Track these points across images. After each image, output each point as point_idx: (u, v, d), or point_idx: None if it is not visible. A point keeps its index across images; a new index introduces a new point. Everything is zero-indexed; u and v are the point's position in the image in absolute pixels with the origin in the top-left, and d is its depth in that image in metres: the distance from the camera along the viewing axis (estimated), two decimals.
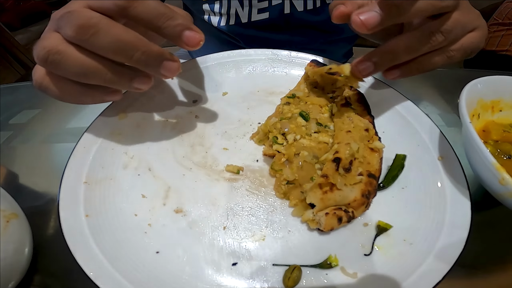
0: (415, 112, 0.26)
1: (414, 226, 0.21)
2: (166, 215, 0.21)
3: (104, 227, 0.20)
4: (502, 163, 0.24)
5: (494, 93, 0.26)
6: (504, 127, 0.26)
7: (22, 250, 0.20)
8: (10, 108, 0.38)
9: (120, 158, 0.23)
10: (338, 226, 0.20)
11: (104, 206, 0.21)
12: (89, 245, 0.19)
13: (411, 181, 0.23)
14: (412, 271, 0.18)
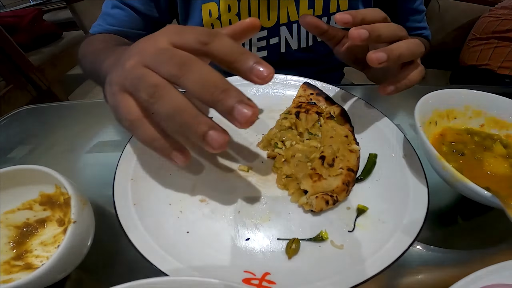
0: (385, 123, 0.33)
1: (386, 209, 0.27)
2: (193, 204, 0.27)
3: (147, 213, 0.26)
4: (457, 159, 0.31)
5: (447, 104, 0.33)
6: (457, 131, 0.33)
7: (88, 237, 0.25)
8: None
9: (156, 161, 0.29)
10: (326, 208, 0.26)
11: (146, 197, 0.27)
12: (138, 227, 0.25)
13: (383, 174, 0.29)
14: (385, 243, 0.24)
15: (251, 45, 0.58)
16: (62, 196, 0.27)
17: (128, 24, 0.57)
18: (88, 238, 0.24)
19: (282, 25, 0.55)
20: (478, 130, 0.33)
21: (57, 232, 0.28)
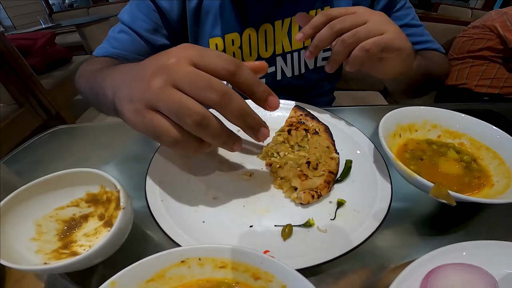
0: (360, 136, 0.41)
1: (360, 202, 0.34)
2: (207, 200, 0.34)
3: (172, 207, 0.33)
4: (417, 163, 0.38)
5: (408, 119, 0.41)
6: (418, 142, 0.41)
7: (129, 224, 0.32)
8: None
9: (177, 168, 0.37)
10: (312, 201, 0.33)
11: (171, 195, 0.34)
12: (165, 217, 0.31)
13: (357, 176, 0.37)
14: (359, 227, 0.31)
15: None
16: (105, 194, 0.34)
17: (132, 49, 0.60)
18: (129, 225, 0.31)
19: (278, 56, 0.64)
20: (436, 140, 0.41)
21: (98, 225, 0.34)
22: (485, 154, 0.38)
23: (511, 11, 1.18)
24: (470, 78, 1.21)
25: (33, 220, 0.33)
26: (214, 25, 0.60)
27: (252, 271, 0.23)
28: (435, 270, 0.26)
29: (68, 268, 0.27)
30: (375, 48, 0.38)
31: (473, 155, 0.39)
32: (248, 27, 0.61)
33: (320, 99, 0.75)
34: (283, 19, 0.60)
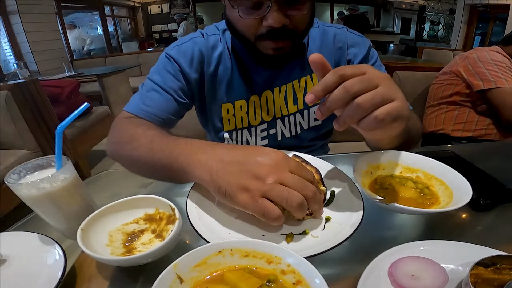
0: (342, 175, 0.54)
1: (341, 217, 0.46)
2: (231, 219, 0.47)
3: (206, 223, 0.46)
4: (384, 191, 0.51)
5: (377, 160, 0.55)
6: (384, 176, 0.54)
7: (178, 236, 0.44)
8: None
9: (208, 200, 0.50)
10: (307, 218, 0.46)
11: (205, 217, 0.47)
12: (203, 231, 0.44)
13: (339, 201, 0.50)
14: (340, 232, 0.43)
15: (256, 135, 0.79)
16: (159, 214, 0.48)
17: (163, 107, 0.68)
18: (180, 233, 0.44)
19: (278, 119, 0.78)
20: (398, 174, 0.55)
21: (151, 237, 0.47)
22: (434, 182, 0.52)
23: (472, 55, 1.27)
24: (446, 123, 1.31)
25: (107, 231, 0.46)
26: (226, 93, 0.74)
27: (266, 257, 0.36)
28: (398, 261, 0.39)
29: (134, 262, 0.40)
30: (389, 118, 0.39)
31: (426, 184, 0.52)
32: (253, 95, 0.75)
33: (315, 154, 0.90)
34: (280, 86, 0.75)
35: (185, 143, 0.50)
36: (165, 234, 0.46)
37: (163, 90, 0.69)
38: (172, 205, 0.45)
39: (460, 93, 1.28)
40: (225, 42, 0.74)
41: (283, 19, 0.59)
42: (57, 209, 0.43)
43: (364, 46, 0.77)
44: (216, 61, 0.73)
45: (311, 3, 0.63)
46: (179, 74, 0.71)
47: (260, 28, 0.62)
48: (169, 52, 0.73)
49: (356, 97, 0.38)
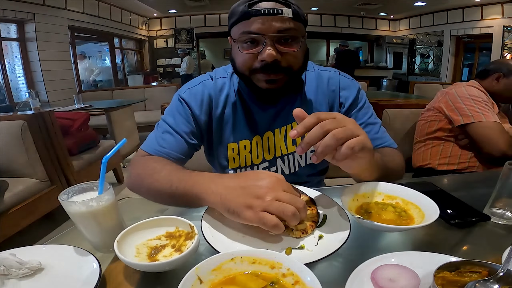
0: (332, 202, 0.64)
1: (331, 235, 0.56)
2: (239, 237, 0.56)
3: (219, 239, 0.55)
4: (368, 215, 0.61)
5: (362, 190, 0.65)
6: (369, 203, 0.63)
7: (196, 249, 0.53)
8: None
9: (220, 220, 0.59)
10: (303, 236, 0.55)
11: (217, 234, 0.56)
12: (217, 244, 0.53)
13: (331, 223, 0.59)
14: (330, 247, 0.52)
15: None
16: (178, 232, 0.56)
17: (175, 148, 0.77)
18: (197, 247, 0.52)
19: (278, 158, 0.85)
20: (381, 201, 0.64)
21: (171, 251, 0.55)
22: (410, 207, 0.61)
23: (451, 91, 1.35)
24: (432, 158, 1.39)
25: (135, 245, 0.54)
26: (231, 133, 0.83)
27: (270, 263, 0.45)
28: (378, 267, 0.47)
29: (160, 268, 0.48)
30: (358, 147, 0.50)
31: (403, 208, 0.62)
32: (256, 135, 0.84)
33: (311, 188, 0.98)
34: (280, 128, 0.84)
35: (197, 175, 0.62)
36: (183, 248, 0.54)
37: (175, 133, 0.78)
38: (191, 224, 0.54)
39: (443, 128, 1.36)
40: (232, 85, 0.83)
41: (275, 55, 0.69)
42: (96, 224, 0.52)
43: (354, 89, 0.86)
44: (223, 104, 0.82)
45: (302, 44, 0.73)
46: (190, 118, 0.80)
47: (255, 63, 0.72)
48: (182, 95, 0.82)
49: (328, 133, 0.49)
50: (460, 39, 7.46)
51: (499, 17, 6.33)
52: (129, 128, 3.36)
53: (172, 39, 8.75)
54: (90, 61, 6.65)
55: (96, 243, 0.55)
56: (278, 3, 0.70)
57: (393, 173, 0.75)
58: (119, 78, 7.36)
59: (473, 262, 0.44)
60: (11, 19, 4.22)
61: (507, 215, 0.63)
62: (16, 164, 1.93)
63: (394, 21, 9.34)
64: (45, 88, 4.48)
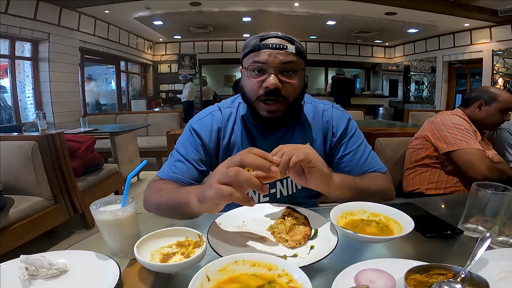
0: (323, 219, 0.73)
1: (321, 246, 0.64)
2: (242, 247, 0.64)
3: (222, 248, 0.63)
4: (354, 229, 0.69)
5: (349, 208, 0.73)
6: (355, 220, 0.72)
7: (204, 254, 0.61)
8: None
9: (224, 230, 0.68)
10: (296, 246, 0.63)
11: (221, 242, 0.64)
12: (218, 249, 0.61)
13: (321, 236, 0.67)
14: (320, 255, 0.59)
15: (259, 194, 0.94)
16: (188, 241, 0.64)
17: (186, 175, 0.87)
18: (205, 252, 0.60)
19: (277, 181, 0.93)
20: (366, 218, 0.73)
21: (181, 257, 0.63)
22: (392, 223, 0.70)
23: (436, 120, 1.43)
24: (421, 183, 1.47)
25: (149, 251, 0.62)
26: None
27: (268, 266, 0.53)
28: (360, 271, 0.54)
29: (173, 269, 0.56)
30: (302, 156, 0.64)
31: (385, 224, 0.70)
32: None
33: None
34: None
35: (190, 187, 0.74)
36: (191, 255, 0.61)
37: (186, 161, 0.89)
38: (199, 233, 0.63)
39: (430, 156, 1.44)
40: (238, 115, 0.94)
41: (277, 83, 0.80)
42: (119, 231, 0.61)
43: (345, 119, 0.96)
44: (230, 132, 0.93)
45: (301, 77, 0.85)
46: (199, 147, 0.91)
47: (260, 90, 0.83)
48: (193, 126, 0.93)
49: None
50: (452, 64, 7.49)
51: (488, 41, 6.31)
52: (132, 152, 3.43)
53: (175, 65, 8.99)
54: (96, 83, 6.84)
55: (115, 248, 0.63)
56: (284, 40, 0.83)
57: (376, 194, 0.83)
58: (123, 102, 7.53)
59: (439, 266, 0.52)
60: (27, 38, 4.39)
61: (479, 229, 0.72)
62: (23, 183, 2.01)
63: (389, 48, 9.58)
64: (52, 110, 4.58)
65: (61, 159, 2.09)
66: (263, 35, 0.84)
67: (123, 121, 4.57)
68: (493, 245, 0.67)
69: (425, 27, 6.82)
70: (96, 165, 2.48)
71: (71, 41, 5.09)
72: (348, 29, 7.48)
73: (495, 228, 0.70)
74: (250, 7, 5.78)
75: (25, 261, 0.54)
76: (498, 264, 0.56)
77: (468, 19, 5.83)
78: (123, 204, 0.62)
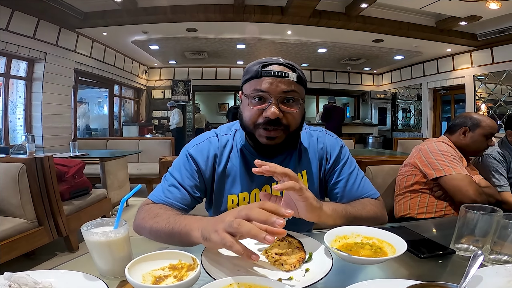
0: (317, 243, 0.72)
1: (316, 269, 0.63)
2: (235, 271, 0.63)
3: (215, 272, 0.62)
4: (348, 252, 0.69)
5: (343, 232, 0.73)
6: (348, 243, 0.72)
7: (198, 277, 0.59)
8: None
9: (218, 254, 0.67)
10: (291, 269, 0.63)
11: (215, 266, 0.63)
12: (212, 272, 0.60)
13: (315, 259, 0.67)
14: (314, 277, 0.59)
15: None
16: (181, 264, 0.63)
17: (180, 200, 0.86)
18: (199, 275, 0.59)
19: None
20: (359, 241, 0.73)
21: (174, 280, 0.61)
22: (385, 245, 0.70)
23: (424, 147, 1.47)
24: (412, 208, 1.49)
25: (141, 274, 0.60)
26: (232, 186, 0.92)
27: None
28: None
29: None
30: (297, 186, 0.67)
31: (379, 246, 0.70)
32: (255, 188, 0.91)
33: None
34: (277, 182, 0.89)
35: (190, 217, 0.73)
36: (184, 279, 0.61)
37: (181, 186, 0.87)
38: (193, 256, 0.62)
39: (419, 182, 1.47)
40: (234, 143, 0.93)
41: (278, 113, 0.80)
42: (110, 253, 0.60)
43: (337, 146, 0.98)
44: (226, 159, 0.92)
45: (301, 106, 0.85)
46: (195, 173, 0.89)
47: (259, 118, 0.83)
48: (190, 151, 0.92)
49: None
50: (436, 91, 7.48)
51: (469, 66, 6.27)
52: (122, 179, 3.38)
53: (169, 90, 9.02)
54: (88, 107, 6.80)
55: (105, 270, 0.62)
56: (286, 67, 0.83)
57: (367, 220, 0.83)
58: (115, 127, 7.47)
59: (435, 284, 0.52)
60: (24, 57, 4.35)
61: (471, 248, 0.73)
62: (8, 204, 1.97)
63: (377, 75, 9.87)
64: (42, 133, 4.49)
65: (48, 182, 2.06)
66: (265, 61, 0.83)
67: (114, 146, 4.51)
68: (487, 263, 0.69)
69: (410, 54, 7.08)
70: (84, 189, 2.46)
71: (67, 62, 5.07)
72: (338, 57, 7.79)
73: (486, 247, 0.71)
74: (245, 34, 5.98)
75: (9, 278, 0.52)
76: (493, 280, 0.57)
77: (450, 44, 6.00)
78: (116, 226, 0.61)
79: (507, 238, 0.68)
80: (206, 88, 9.39)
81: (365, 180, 0.97)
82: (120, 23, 4.98)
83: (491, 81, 6.08)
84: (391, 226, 0.89)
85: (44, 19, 4.37)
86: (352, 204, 0.87)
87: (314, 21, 5.02)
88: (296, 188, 0.67)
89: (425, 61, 7.60)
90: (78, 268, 0.63)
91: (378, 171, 1.72)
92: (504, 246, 0.69)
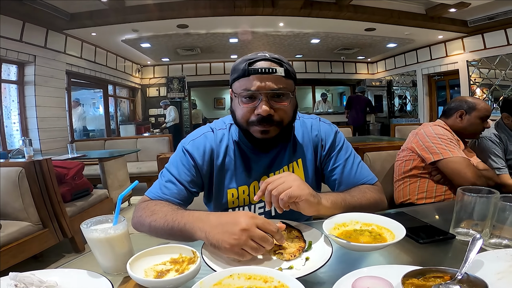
0: (317, 232, 0.73)
1: (316, 256, 0.64)
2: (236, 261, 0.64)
3: (215, 264, 0.62)
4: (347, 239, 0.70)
5: (341, 219, 0.74)
6: (348, 231, 0.72)
7: (198, 270, 0.60)
8: None
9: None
10: (292, 258, 0.63)
11: (215, 259, 0.64)
12: (215, 267, 0.61)
13: (315, 247, 0.67)
14: (315, 265, 0.60)
15: (255, 211, 0.94)
16: (181, 258, 0.63)
17: (177, 196, 0.86)
18: (200, 267, 0.60)
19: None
20: (358, 228, 0.73)
21: (175, 274, 0.61)
22: (384, 231, 0.71)
23: (420, 131, 1.47)
24: (411, 194, 1.49)
25: (143, 269, 0.61)
26: (231, 180, 0.92)
27: (263, 278, 0.53)
28: (358, 278, 0.54)
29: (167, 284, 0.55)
30: (286, 198, 0.70)
31: (378, 232, 0.71)
32: (254, 180, 0.92)
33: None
34: (274, 172, 0.94)
35: (188, 215, 0.72)
36: (186, 271, 0.61)
37: (178, 182, 0.88)
38: (193, 249, 0.62)
39: (418, 166, 1.47)
40: (230, 136, 0.94)
41: (269, 110, 0.80)
42: (111, 249, 0.60)
43: (332, 132, 0.98)
44: (223, 154, 0.92)
45: (292, 99, 0.86)
46: (192, 168, 0.90)
47: (252, 116, 0.83)
48: (186, 147, 0.92)
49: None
50: (431, 77, 7.46)
51: (461, 52, 6.30)
52: (122, 178, 3.40)
53: (164, 88, 8.91)
54: (84, 108, 6.74)
55: (107, 266, 0.62)
56: (273, 62, 0.82)
57: (367, 208, 0.83)
58: (112, 128, 7.43)
59: (435, 269, 0.53)
60: (13, 61, 4.23)
61: (471, 232, 0.74)
62: (10, 208, 1.98)
63: (372, 63, 9.77)
64: (39, 136, 4.43)
65: (48, 185, 2.07)
66: (251, 58, 0.83)
67: (112, 146, 4.49)
68: (487, 247, 0.69)
69: (403, 41, 7.04)
70: (85, 190, 2.46)
71: (58, 64, 4.97)
72: (331, 47, 7.72)
73: (485, 230, 0.72)
74: (237, 28, 5.91)
75: (15, 278, 0.53)
76: (494, 265, 0.57)
77: (441, 31, 6.00)
78: (115, 222, 0.61)
79: (506, 221, 0.68)
80: (201, 84, 9.31)
81: (362, 165, 0.97)
82: (109, 23, 4.86)
83: (484, 66, 6.12)
84: (389, 212, 0.89)
85: (29, 22, 4.26)
86: (351, 193, 0.87)
87: (306, 12, 4.96)
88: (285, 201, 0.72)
89: (418, 48, 7.60)
90: (83, 266, 0.64)
91: (376, 158, 1.71)
92: (503, 230, 0.69)
